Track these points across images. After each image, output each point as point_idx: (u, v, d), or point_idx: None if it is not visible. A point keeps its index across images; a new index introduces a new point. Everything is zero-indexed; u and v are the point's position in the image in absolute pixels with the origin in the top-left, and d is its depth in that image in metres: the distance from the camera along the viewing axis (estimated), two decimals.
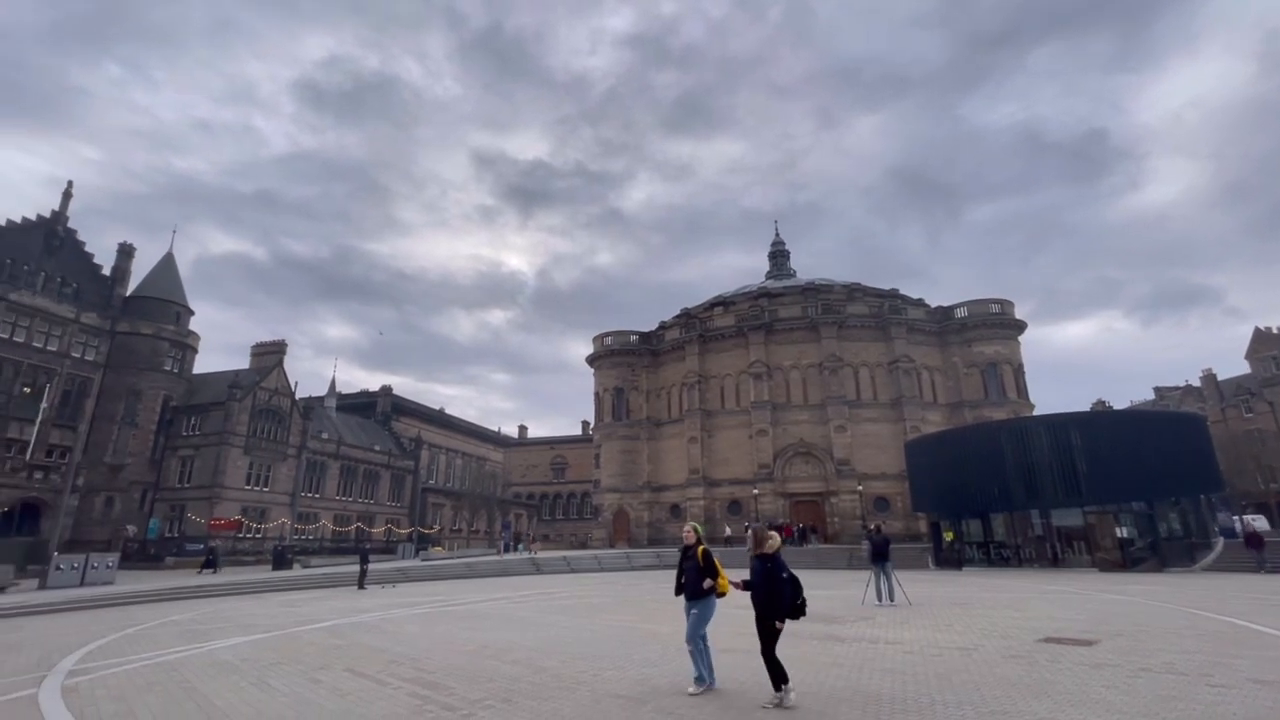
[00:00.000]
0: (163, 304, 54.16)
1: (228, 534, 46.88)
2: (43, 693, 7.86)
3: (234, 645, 11.56)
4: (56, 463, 44.07)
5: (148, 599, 21.81)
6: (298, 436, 56.33)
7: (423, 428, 79.45)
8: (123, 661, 10.02)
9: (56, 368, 47.33)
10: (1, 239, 46.44)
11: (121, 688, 8.08)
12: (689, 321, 63.50)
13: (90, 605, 19.82)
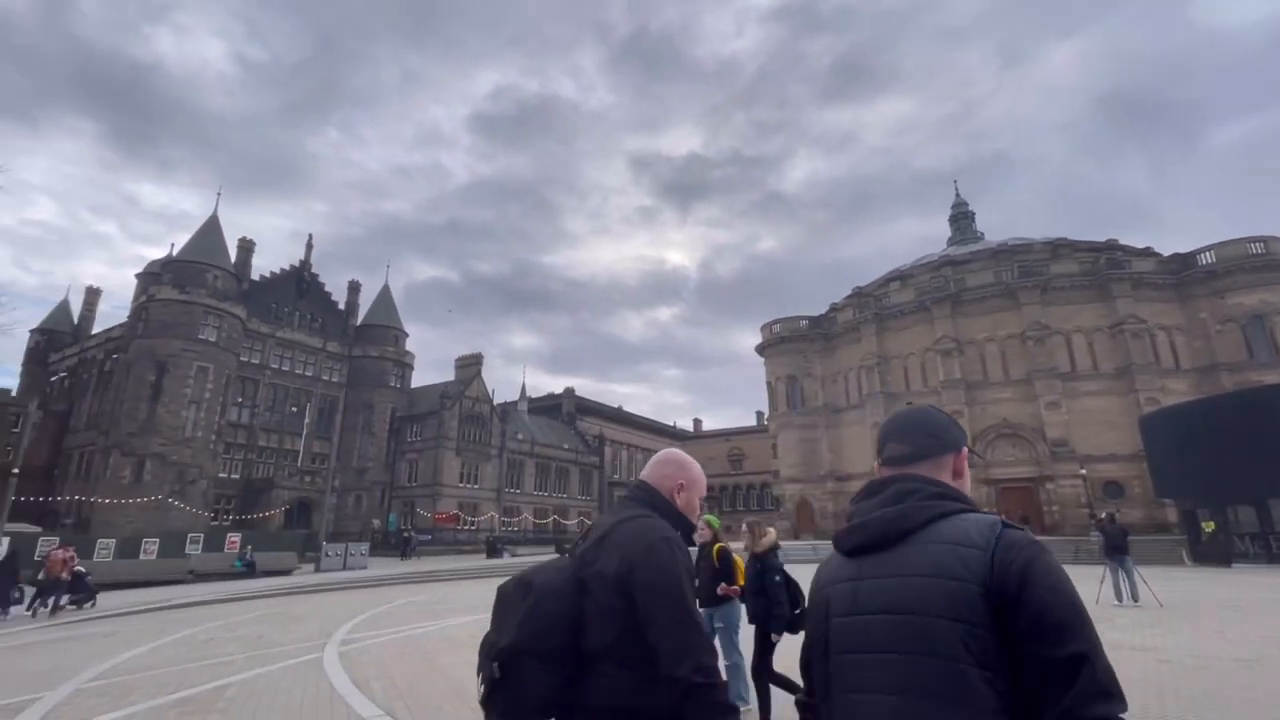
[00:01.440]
0: (384, 329, 62.89)
1: (449, 526, 53.24)
2: (325, 656, 9.53)
3: (463, 624, 13.10)
4: (318, 467, 53.08)
5: (393, 582, 25.49)
6: (498, 438, 62.24)
7: (604, 425, 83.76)
8: (379, 634, 11.83)
9: (313, 389, 57.02)
10: (267, 288, 56.91)
11: (380, 656, 9.54)
12: (862, 300, 59.98)
13: (351, 586, 23.62)
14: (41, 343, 63.25)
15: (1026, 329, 48.45)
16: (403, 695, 7.08)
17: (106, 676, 8.44)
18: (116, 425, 44.58)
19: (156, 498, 41.62)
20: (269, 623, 13.90)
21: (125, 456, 43.00)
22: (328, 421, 56.29)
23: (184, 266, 48.55)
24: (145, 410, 44.03)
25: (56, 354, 61.67)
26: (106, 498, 41.07)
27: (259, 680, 8.02)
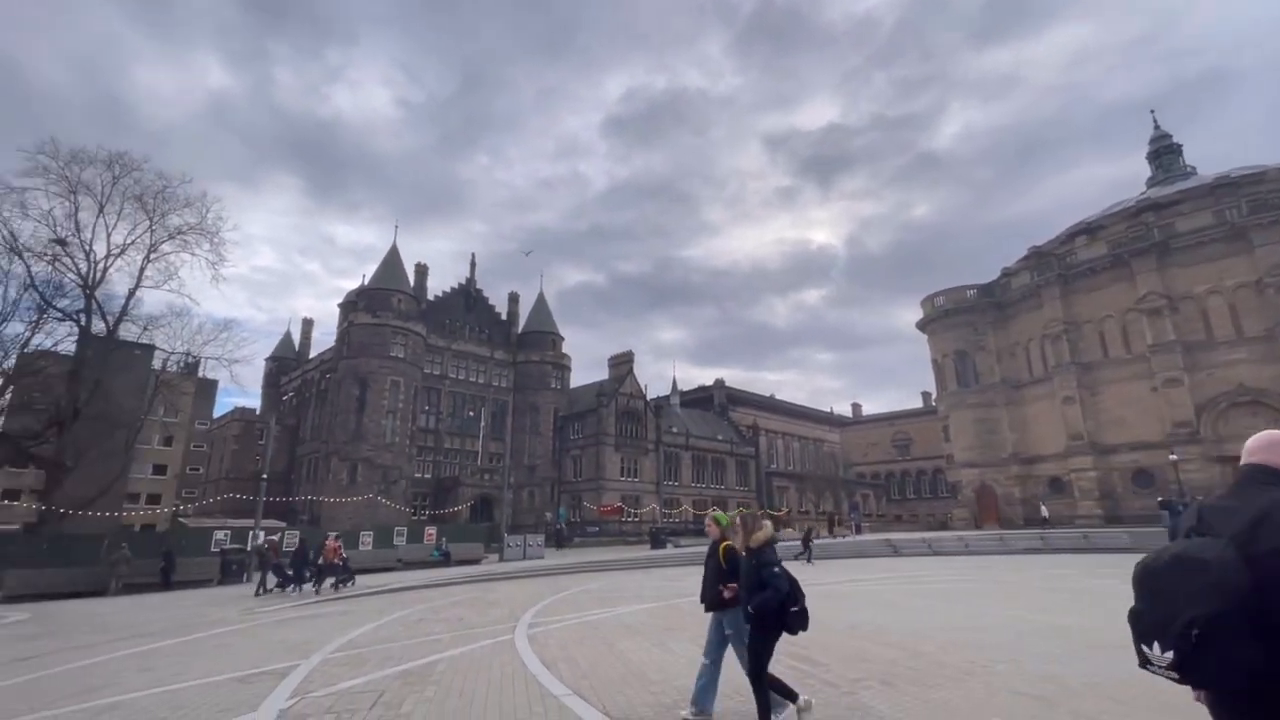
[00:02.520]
0: (542, 335, 66.97)
1: (613, 519, 55.52)
2: (516, 638, 10.40)
3: (634, 611, 13.64)
4: (495, 466, 57.78)
5: (566, 571, 27.15)
6: (653, 433, 63.73)
7: (757, 415, 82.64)
8: (560, 619, 12.67)
9: (485, 395, 62.15)
10: (441, 306, 62.88)
11: (562, 640, 10.22)
12: (1041, 261, 53.55)
13: (531, 575, 25.50)
14: (273, 368, 75.38)
15: (1265, 274, 40.41)
16: (586, 676, 7.54)
17: (344, 649, 9.89)
18: (333, 434, 51.95)
19: (367, 496, 47.86)
20: (466, 607, 15.44)
21: (342, 461, 49.96)
22: (500, 424, 61.19)
23: (374, 294, 55.30)
24: (354, 421, 50.83)
25: (285, 377, 73.09)
26: (330, 496, 48.02)
27: (463, 658, 8.95)
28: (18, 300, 31.23)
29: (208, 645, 10.86)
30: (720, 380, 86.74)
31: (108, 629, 13.31)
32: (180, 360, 37.78)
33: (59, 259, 30.80)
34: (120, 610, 17.00)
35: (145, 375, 38.96)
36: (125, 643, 11.36)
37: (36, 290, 31.25)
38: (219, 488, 64.03)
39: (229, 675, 8.19)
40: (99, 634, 12.60)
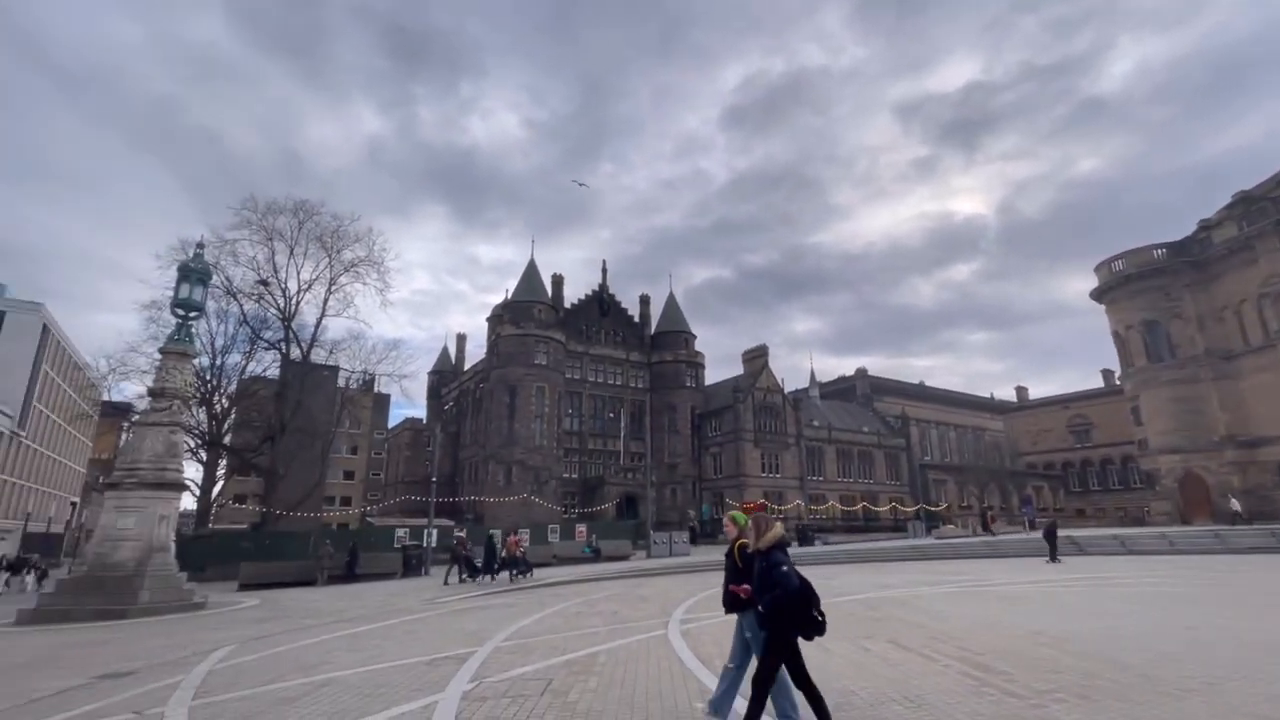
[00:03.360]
0: (674, 335, 67.61)
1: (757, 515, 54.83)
2: (669, 633, 10.58)
3: None
4: (637, 465, 59.18)
5: (712, 568, 27.16)
6: (793, 427, 62.08)
7: (906, 404, 77.71)
8: (712, 615, 12.69)
9: (623, 396, 63.84)
10: (577, 313, 65.51)
11: (716, 635, 10.23)
12: (1253, 208, 45.44)
13: (678, 571, 25.83)
14: (435, 381, 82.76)
15: None
16: None
17: (513, 639, 10.62)
18: (489, 439, 56.00)
19: (522, 496, 51.04)
20: (618, 601, 15.96)
21: (498, 464, 53.70)
22: (639, 424, 62.62)
23: (516, 306, 58.91)
24: (506, 426, 54.46)
25: (445, 388, 79.96)
26: (490, 497, 51.81)
27: (621, 651, 9.26)
28: (235, 334, 37.07)
29: (398, 631, 12.15)
30: (862, 369, 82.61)
31: (318, 614, 15.32)
32: (359, 378, 42.61)
33: (263, 297, 35.99)
34: (325, 598, 19.50)
35: (333, 393, 44.39)
36: (332, 626, 13.01)
37: (248, 325, 36.86)
38: (396, 490, 71.45)
39: (418, 658, 9.10)
40: (312, 618, 14.53)
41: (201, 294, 20.44)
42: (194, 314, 20.28)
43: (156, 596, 16.46)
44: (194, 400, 28.86)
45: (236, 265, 35.07)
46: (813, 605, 4.90)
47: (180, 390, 19.30)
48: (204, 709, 6.70)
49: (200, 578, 24.00)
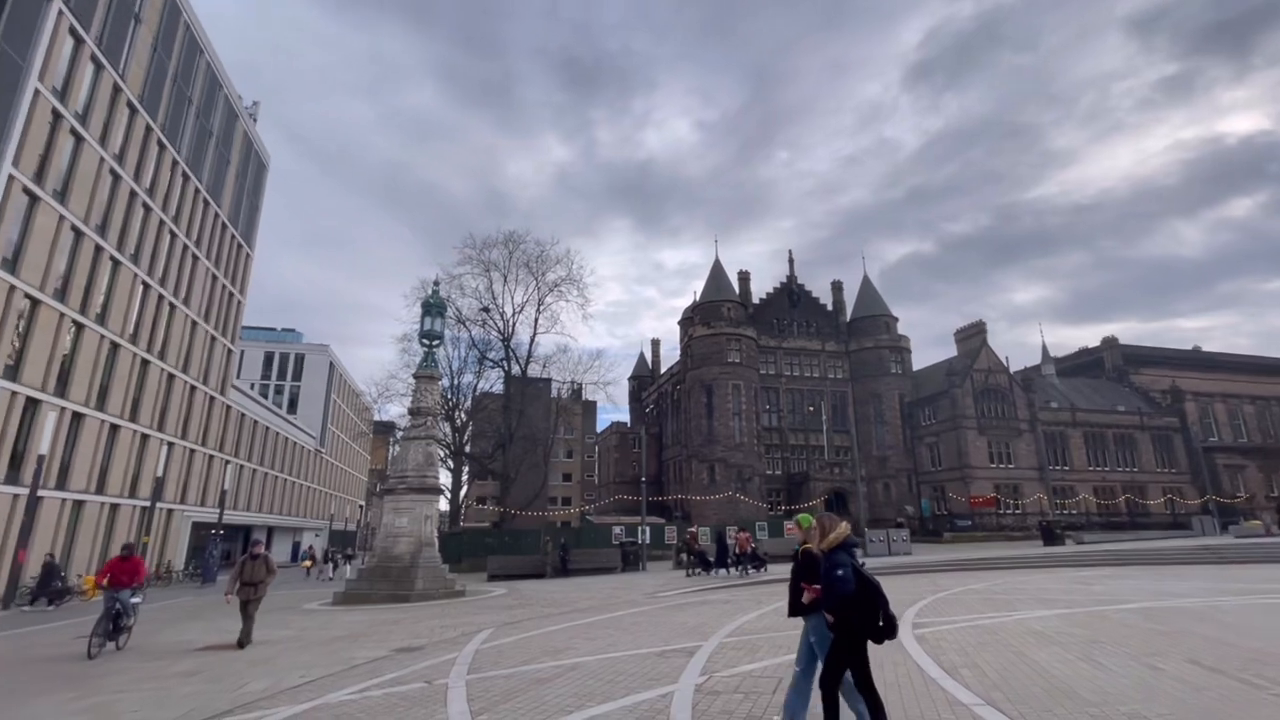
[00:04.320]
0: (873, 320, 63.53)
1: (988, 511, 49.25)
2: (903, 639, 9.89)
3: (1040, 617, 11.77)
4: (843, 459, 56.60)
5: (940, 569, 24.92)
6: (1024, 410, 54.94)
7: (1176, 375, 64.55)
8: (948, 621, 11.64)
9: (822, 389, 61.48)
10: (766, 308, 64.53)
11: (959, 643, 9.35)
12: None
13: (900, 571, 24.09)
14: (634, 386, 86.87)
15: None
16: (998, 687, 6.74)
17: (735, 635, 10.70)
18: (690, 439, 57.33)
19: (726, 494, 51.41)
20: None
21: (700, 463, 54.74)
22: (841, 416, 59.81)
23: (706, 307, 59.66)
24: (705, 426, 55.34)
25: (645, 392, 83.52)
26: (695, 495, 52.97)
27: None
28: (466, 356, 42.44)
29: (626, 622, 12.90)
30: (1111, 338, 70.25)
31: (555, 603, 16.85)
32: (569, 388, 46.29)
33: (486, 322, 40.79)
34: (559, 589, 21.39)
35: (549, 403, 48.71)
36: (569, 615, 14.22)
37: (476, 348, 42.00)
38: (609, 490, 76.20)
39: (649, 650, 9.57)
40: (550, 607, 16.02)
41: (441, 325, 23.70)
42: (436, 342, 23.55)
43: (428, 584, 19.35)
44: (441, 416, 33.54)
45: (463, 296, 40.20)
46: (879, 608, 4.68)
47: (432, 408, 22.55)
48: (478, 683, 7.70)
49: (457, 569, 27.73)
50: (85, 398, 29.01)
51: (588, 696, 6.87)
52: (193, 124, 38.56)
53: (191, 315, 39.21)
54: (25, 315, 25.21)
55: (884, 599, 4.68)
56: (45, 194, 25.70)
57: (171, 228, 36.38)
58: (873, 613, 4.67)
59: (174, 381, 37.23)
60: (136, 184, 32.54)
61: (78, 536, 28.96)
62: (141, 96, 32.61)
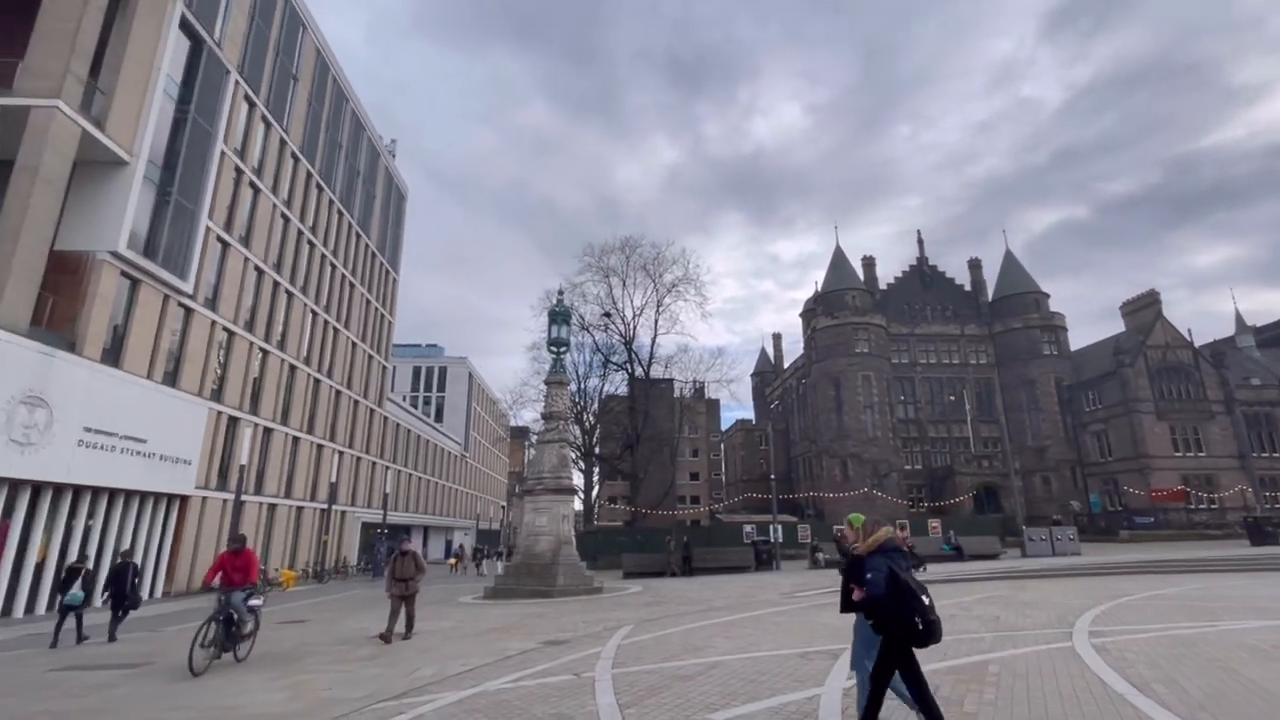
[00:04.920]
0: (1019, 297, 58.08)
1: (1175, 506, 43.36)
2: (1076, 646, 8.95)
3: (1254, 629, 10.17)
4: (992, 451, 52.24)
5: (1119, 570, 22.23)
6: (1216, 389, 47.80)
7: None
8: (1135, 629, 10.36)
9: (964, 376, 57.13)
10: (895, 293, 61.05)
11: (1149, 655, 8.29)
12: None
13: (1068, 573, 21.80)
14: (757, 382, 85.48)
15: None
16: (1203, 707, 5.89)
17: None
18: (819, 435, 55.43)
19: (862, 491, 49.16)
20: (996, 605, 14.14)
21: (832, 459, 52.76)
22: (987, 405, 55.22)
23: (828, 297, 57.45)
24: (835, 420, 53.27)
25: (768, 388, 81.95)
26: (828, 492, 51.13)
27: (1016, 662, 8.15)
28: (591, 361, 43.86)
29: (765, 622, 12.71)
30: None
31: (690, 601, 16.96)
32: (691, 387, 46.43)
33: (608, 327, 41.91)
34: (694, 587, 21.50)
35: (672, 403, 49.14)
36: (705, 614, 14.25)
37: (600, 352, 43.27)
38: (737, 489, 75.49)
39: (790, 650, 9.37)
40: (686, 605, 16.14)
41: (567, 332, 24.68)
42: (564, 349, 24.55)
43: (568, 581, 20.20)
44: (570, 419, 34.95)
45: (585, 303, 41.59)
46: (913, 611, 4.71)
47: (562, 412, 23.55)
48: (623, 678, 7.93)
49: (593, 566, 28.66)
50: (273, 414, 33.28)
51: (732, 695, 6.85)
52: (343, 166, 43.05)
53: (352, 337, 43.74)
54: (224, 346, 29.38)
55: (920, 603, 4.75)
56: (233, 240, 29.82)
57: (332, 260, 40.83)
58: (907, 616, 4.75)
59: (340, 397, 41.72)
60: (302, 224, 36.85)
61: (273, 535, 33.26)
62: (302, 146, 36.89)
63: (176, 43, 24.92)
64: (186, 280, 25.49)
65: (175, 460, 24.69)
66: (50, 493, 19.54)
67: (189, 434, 25.75)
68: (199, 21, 26.20)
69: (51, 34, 20.05)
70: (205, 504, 27.19)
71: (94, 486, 21.06)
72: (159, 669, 9.74)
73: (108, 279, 21.76)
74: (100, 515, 21.71)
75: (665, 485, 43.91)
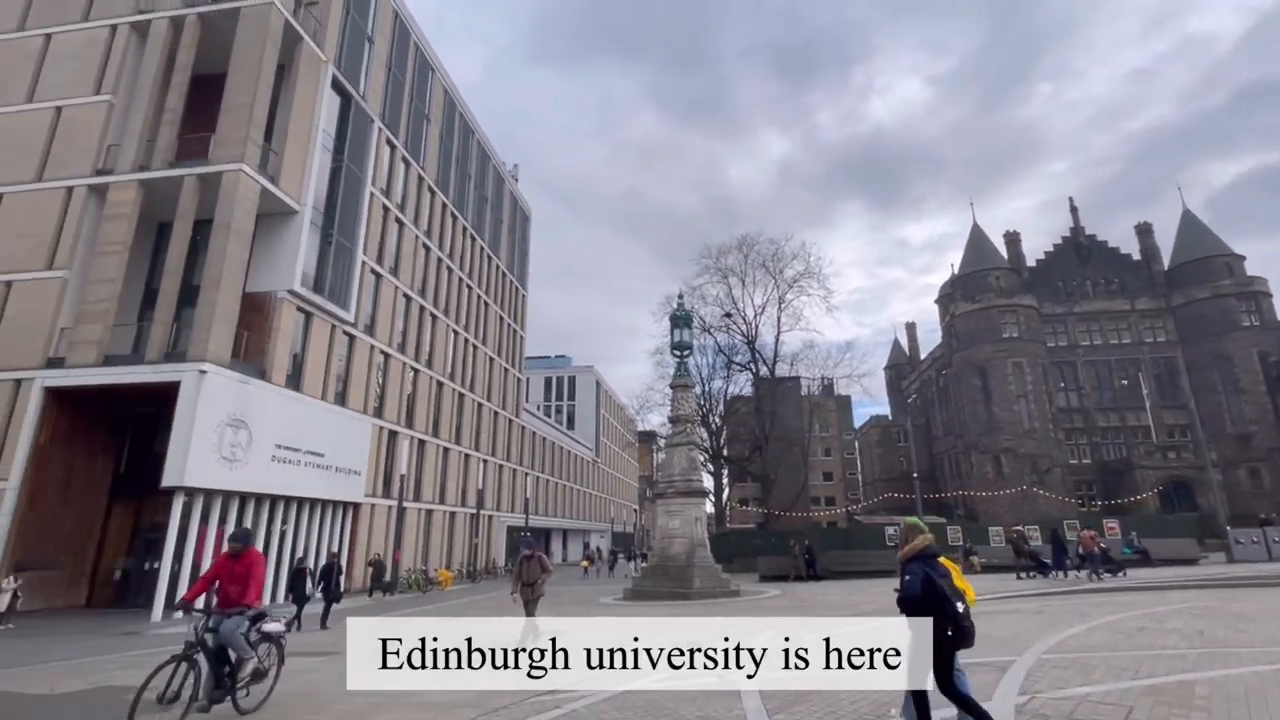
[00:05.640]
0: (1204, 262, 50.64)
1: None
2: None
3: None
4: (1179, 441, 45.80)
5: None
6: None
7: None
8: None
9: (1137, 356, 50.63)
10: (1046, 270, 55.43)
11: None
12: None
13: None
14: (892, 375, 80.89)
15: None
16: None
17: (1056, 651, 9.22)
18: (965, 429, 51.37)
19: (1020, 488, 44.89)
20: (1200, 618, 12.31)
21: (982, 454, 48.69)
22: (1170, 387, 48.50)
23: (967, 279, 53.19)
24: (983, 412, 49.13)
25: (904, 381, 77.29)
26: (980, 491, 47.21)
27: (1231, 684, 7.05)
28: (713, 363, 43.73)
29: None
30: None
31: (833, 607, 16.33)
32: (819, 384, 44.85)
33: (729, 328, 41.60)
34: (834, 592, 20.69)
35: (799, 401, 47.77)
36: (853, 620, 13.65)
37: (723, 353, 43.05)
38: (875, 489, 71.76)
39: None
40: (829, 610, 15.58)
41: (689, 335, 24.82)
42: (687, 352, 24.70)
43: (705, 583, 20.21)
44: (697, 422, 34.99)
45: (705, 305, 41.59)
46: (947, 616, 4.99)
47: (689, 415, 23.67)
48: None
49: (728, 569, 28.45)
50: (425, 427, 36.34)
51: (883, 706, 6.51)
52: (473, 194, 46.24)
53: (489, 353, 46.78)
54: (381, 367, 32.55)
55: (953, 609, 5.03)
56: (385, 271, 32.99)
57: (468, 283, 43.95)
58: (940, 621, 5.05)
59: (482, 409, 44.71)
60: (441, 251, 40.02)
61: (431, 538, 36.26)
62: (437, 180, 40.10)
63: (330, 101, 28.08)
64: (349, 310, 28.54)
65: (348, 471, 27.67)
66: (253, 501, 22.62)
67: (358, 448, 28.76)
68: (347, 79, 29.35)
69: (234, 108, 23.33)
70: (374, 510, 30.21)
71: (285, 496, 24.12)
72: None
73: (287, 314, 24.88)
74: (291, 520, 24.81)
75: (797, 486, 42.71)
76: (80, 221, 22.97)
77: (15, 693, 9.00)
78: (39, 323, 21.92)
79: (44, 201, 23.44)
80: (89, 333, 21.31)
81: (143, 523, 23.38)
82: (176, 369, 20.28)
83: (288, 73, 26.03)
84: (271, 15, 24.40)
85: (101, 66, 24.83)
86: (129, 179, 22.89)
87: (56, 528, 21.67)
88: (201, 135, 23.64)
